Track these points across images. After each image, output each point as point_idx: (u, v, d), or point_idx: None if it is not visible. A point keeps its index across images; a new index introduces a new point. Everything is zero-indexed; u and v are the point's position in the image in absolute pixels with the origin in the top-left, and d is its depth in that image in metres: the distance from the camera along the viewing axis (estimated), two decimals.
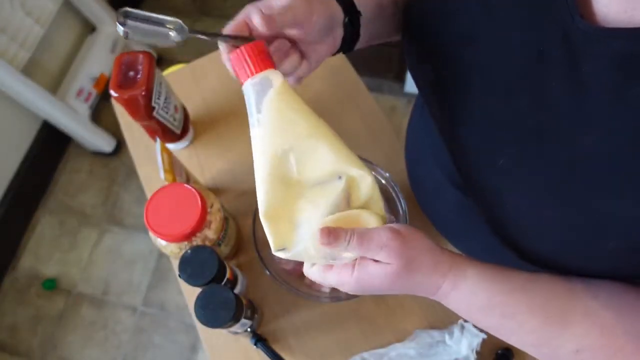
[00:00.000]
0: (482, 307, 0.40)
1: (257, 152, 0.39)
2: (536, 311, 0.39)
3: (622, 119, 0.32)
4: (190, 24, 0.43)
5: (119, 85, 0.66)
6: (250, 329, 0.63)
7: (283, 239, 0.40)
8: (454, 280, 0.40)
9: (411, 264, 0.39)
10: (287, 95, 0.39)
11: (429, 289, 0.41)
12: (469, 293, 0.40)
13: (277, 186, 0.39)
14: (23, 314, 1.62)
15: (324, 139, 0.39)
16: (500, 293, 0.40)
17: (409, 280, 0.39)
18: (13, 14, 1.46)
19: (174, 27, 0.40)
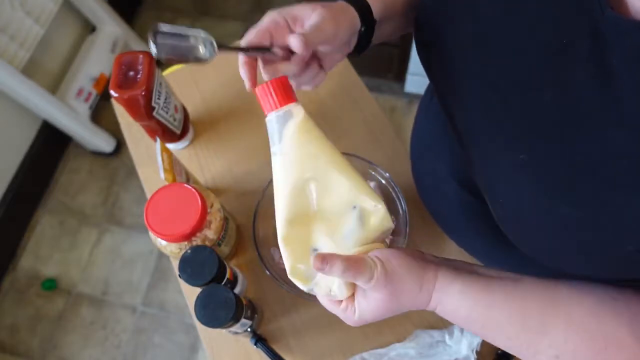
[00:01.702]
0: (464, 319, 0.44)
1: (278, 180, 0.42)
2: (515, 321, 0.41)
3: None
4: (190, 24, 0.43)
5: (119, 85, 0.66)
6: (250, 329, 0.63)
7: (298, 264, 0.42)
8: (439, 297, 0.43)
9: (394, 292, 0.42)
10: (308, 129, 0.42)
11: (417, 305, 0.44)
12: (452, 308, 0.43)
13: (296, 213, 0.42)
14: (23, 314, 1.62)
15: (342, 171, 0.42)
16: (481, 307, 0.42)
17: (399, 305, 0.43)
18: (13, 14, 1.46)
19: (203, 41, 0.41)
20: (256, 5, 2.11)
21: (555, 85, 0.36)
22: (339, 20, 0.45)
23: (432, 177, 0.63)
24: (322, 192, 0.42)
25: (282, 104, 0.42)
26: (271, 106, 0.42)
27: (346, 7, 0.48)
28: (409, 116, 1.78)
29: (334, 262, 0.39)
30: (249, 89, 0.46)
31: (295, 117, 0.42)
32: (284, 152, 0.42)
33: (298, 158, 0.41)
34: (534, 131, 0.38)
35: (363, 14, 0.49)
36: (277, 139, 0.42)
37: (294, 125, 0.42)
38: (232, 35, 2.04)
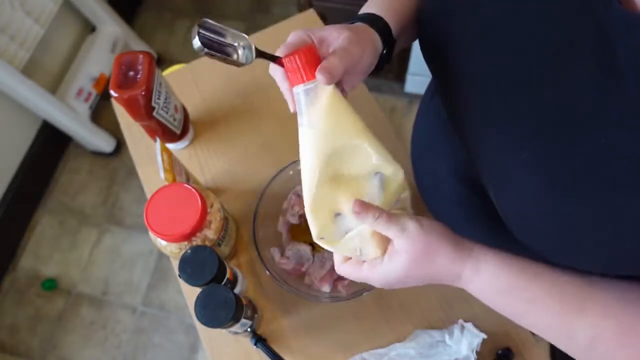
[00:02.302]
0: (503, 291, 0.42)
1: (307, 150, 0.44)
2: (555, 296, 0.40)
3: None
4: (190, 24, 0.43)
5: (119, 85, 0.66)
6: (250, 329, 0.63)
7: (323, 229, 0.45)
8: (475, 265, 0.42)
9: (429, 248, 0.42)
10: (336, 102, 0.43)
11: (451, 274, 0.43)
12: (490, 276, 0.42)
13: (323, 182, 0.44)
14: (23, 314, 1.62)
15: (368, 140, 0.44)
16: (521, 278, 0.41)
17: (430, 266, 0.42)
18: (13, 14, 1.46)
19: (244, 45, 0.42)
20: (256, 5, 2.11)
21: (556, 85, 0.36)
22: (364, 45, 0.46)
23: (432, 177, 0.63)
24: (348, 161, 0.44)
25: (310, 78, 0.42)
26: (299, 79, 0.42)
27: (369, 30, 0.48)
28: (409, 116, 1.78)
29: (369, 208, 0.42)
30: (292, 110, 0.45)
31: (323, 90, 0.42)
32: (312, 125, 0.43)
33: (326, 130, 0.43)
34: (535, 130, 0.38)
35: (384, 35, 0.49)
36: (305, 112, 0.43)
37: (323, 99, 0.42)
38: None
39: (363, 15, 0.51)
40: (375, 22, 0.49)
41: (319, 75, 0.41)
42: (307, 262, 0.67)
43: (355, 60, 0.44)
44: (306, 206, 0.44)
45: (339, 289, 0.67)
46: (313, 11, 0.92)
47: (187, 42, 2.05)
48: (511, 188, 0.41)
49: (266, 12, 2.08)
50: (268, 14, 2.08)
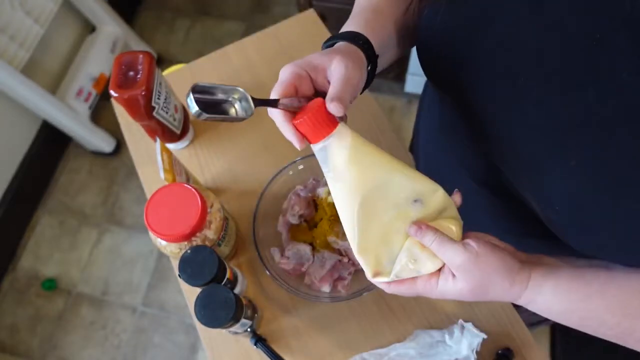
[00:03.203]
0: (560, 313, 0.43)
1: (342, 201, 0.44)
2: (615, 310, 0.41)
3: None
4: (190, 24, 0.43)
5: (118, 85, 0.66)
6: (250, 329, 0.63)
7: (376, 266, 0.45)
8: (532, 295, 0.43)
9: (483, 283, 0.42)
10: (360, 146, 0.43)
11: (508, 300, 0.44)
12: (546, 305, 0.43)
13: (364, 225, 0.44)
14: (23, 314, 1.62)
15: (398, 172, 0.44)
16: (578, 300, 0.42)
17: (485, 296, 0.43)
18: (13, 14, 1.46)
19: (239, 97, 0.41)
20: (256, 5, 2.11)
21: (596, 83, 0.35)
22: (360, 66, 0.45)
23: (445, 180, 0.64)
24: (385, 197, 0.43)
25: (329, 131, 0.42)
26: (319, 136, 0.42)
27: (355, 48, 0.47)
28: (408, 116, 1.78)
29: (427, 229, 0.43)
30: (300, 147, 0.43)
31: (343, 141, 0.42)
32: (340, 177, 0.43)
33: (355, 179, 0.43)
34: (580, 134, 0.37)
35: (366, 51, 0.48)
36: (331, 166, 0.43)
37: (345, 150, 0.42)
38: (231, 35, 2.04)
39: (343, 34, 0.50)
40: (356, 39, 0.48)
41: (331, 106, 0.40)
42: (307, 262, 0.67)
43: (357, 84, 0.44)
44: (355, 254, 0.45)
45: (339, 289, 0.67)
46: (313, 11, 0.92)
47: (187, 42, 2.05)
48: (562, 196, 0.41)
49: (266, 12, 2.08)
50: (268, 14, 2.08)
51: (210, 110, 0.38)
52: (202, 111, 0.37)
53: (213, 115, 0.38)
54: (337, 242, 0.67)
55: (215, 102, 0.39)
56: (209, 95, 0.39)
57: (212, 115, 0.38)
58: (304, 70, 0.43)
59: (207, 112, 0.37)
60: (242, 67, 0.87)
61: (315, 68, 0.43)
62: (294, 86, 0.43)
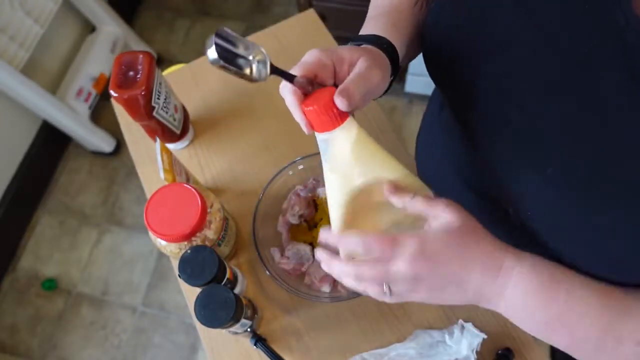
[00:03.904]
0: (547, 284, 0.38)
1: (333, 192, 0.43)
2: (601, 294, 0.38)
3: None
4: (190, 24, 0.43)
5: (118, 85, 0.66)
6: (250, 329, 0.63)
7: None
8: (516, 256, 0.39)
9: (477, 226, 0.40)
10: (363, 143, 0.42)
11: (492, 262, 0.39)
12: (531, 269, 0.39)
13: (351, 219, 0.44)
14: (23, 314, 1.62)
15: (394, 172, 0.43)
16: (564, 272, 0.39)
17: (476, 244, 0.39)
18: (13, 14, 1.46)
19: (259, 58, 0.40)
20: (256, 5, 2.11)
21: (579, 93, 0.35)
22: (382, 68, 0.44)
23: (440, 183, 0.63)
24: (375, 197, 0.43)
25: (332, 127, 0.41)
26: (322, 128, 0.41)
27: (380, 54, 0.47)
28: (409, 116, 1.78)
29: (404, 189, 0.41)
30: (308, 132, 0.43)
31: (347, 136, 0.42)
32: (336, 169, 0.43)
33: (351, 174, 0.42)
34: (559, 143, 0.37)
35: (390, 55, 0.48)
36: (330, 157, 0.42)
37: (348, 145, 0.42)
38: None
39: (368, 37, 0.49)
40: (386, 47, 0.48)
41: (338, 100, 0.40)
42: (307, 262, 0.67)
43: (373, 84, 0.43)
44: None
45: (339, 289, 0.67)
46: (313, 11, 0.92)
47: (187, 42, 2.05)
48: (537, 204, 0.40)
49: (266, 12, 2.08)
50: (268, 14, 2.08)
51: (226, 61, 0.37)
52: (219, 58, 0.36)
53: (228, 65, 0.37)
54: None
55: (233, 55, 0.38)
56: (230, 45, 0.38)
57: (227, 66, 0.37)
58: (330, 59, 0.42)
59: (224, 61, 0.36)
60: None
61: (341, 59, 0.43)
62: (314, 72, 0.42)
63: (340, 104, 0.40)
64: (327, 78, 0.43)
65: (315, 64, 0.42)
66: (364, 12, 0.56)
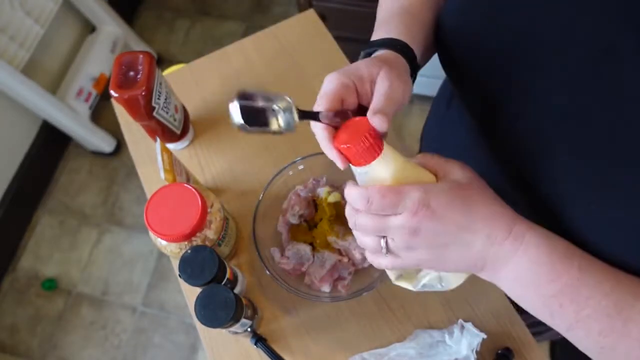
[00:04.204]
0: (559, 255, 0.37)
1: None
2: (613, 275, 0.36)
3: None
4: (190, 24, 0.43)
5: (119, 85, 0.66)
6: (250, 329, 0.63)
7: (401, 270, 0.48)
8: (528, 223, 0.38)
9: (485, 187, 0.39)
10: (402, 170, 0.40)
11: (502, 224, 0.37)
12: (544, 238, 0.37)
13: None
14: (23, 314, 1.62)
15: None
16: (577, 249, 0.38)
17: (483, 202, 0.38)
18: (13, 14, 1.46)
19: (284, 106, 0.39)
20: (256, 5, 2.11)
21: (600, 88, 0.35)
22: (405, 80, 0.43)
23: None
24: None
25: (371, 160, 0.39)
26: (361, 162, 0.40)
27: (401, 59, 0.46)
28: (409, 116, 1.78)
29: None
30: (343, 168, 0.41)
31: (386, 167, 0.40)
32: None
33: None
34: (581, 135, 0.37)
35: (409, 58, 0.47)
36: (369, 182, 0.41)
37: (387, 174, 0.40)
38: (231, 35, 2.04)
39: (381, 41, 0.47)
40: (401, 48, 0.46)
41: (376, 123, 0.39)
42: (307, 262, 0.67)
43: (400, 99, 0.42)
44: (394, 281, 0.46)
45: (339, 289, 0.67)
46: (313, 11, 0.92)
47: (187, 42, 2.05)
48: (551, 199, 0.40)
49: (266, 12, 2.08)
50: (268, 14, 2.08)
51: (252, 122, 0.36)
52: (245, 124, 0.35)
53: (254, 128, 0.36)
54: (337, 242, 0.67)
55: (257, 111, 0.38)
56: (252, 101, 0.37)
57: (254, 128, 0.36)
58: (350, 80, 0.41)
59: (250, 125, 0.35)
60: (242, 67, 0.87)
61: (361, 78, 0.42)
62: (340, 98, 0.41)
63: (377, 122, 0.39)
64: (352, 102, 0.42)
65: (339, 89, 0.41)
66: (364, 12, 0.56)
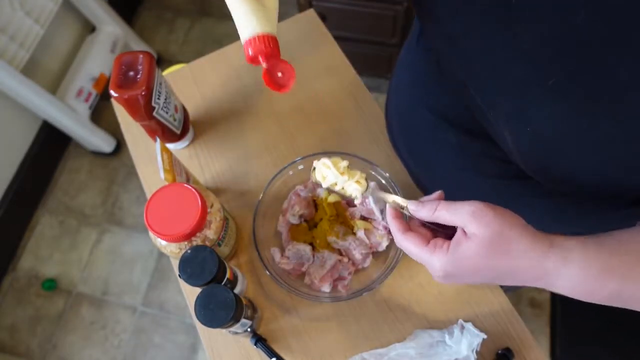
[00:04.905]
0: (598, 275, 0.37)
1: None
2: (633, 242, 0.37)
3: None
4: (190, 24, 0.43)
5: (119, 85, 0.66)
6: (250, 329, 0.63)
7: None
8: (560, 254, 0.38)
9: (505, 231, 0.38)
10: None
11: (533, 266, 0.38)
12: (581, 263, 0.37)
13: None
14: (23, 314, 1.62)
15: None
16: (614, 254, 0.37)
17: (508, 253, 0.38)
18: (13, 14, 1.46)
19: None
20: None
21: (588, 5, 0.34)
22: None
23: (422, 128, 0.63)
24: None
25: None
26: None
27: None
28: None
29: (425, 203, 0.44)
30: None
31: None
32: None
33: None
34: (564, 54, 0.36)
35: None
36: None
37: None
38: (231, 35, 2.04)
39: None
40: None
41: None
42: (307, 262, 0.67)
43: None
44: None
45: (339, 289, 0.67)
46: (313, 11, 0.92)
47: (187, 42, 2.05)
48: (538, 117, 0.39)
49: None
50: None
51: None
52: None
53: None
54: (337, 242, 0.67)
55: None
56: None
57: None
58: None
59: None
60: (242, 67, 0.87)
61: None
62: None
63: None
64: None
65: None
66: (364, 12, 0.56)
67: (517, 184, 0.55)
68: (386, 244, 0.68)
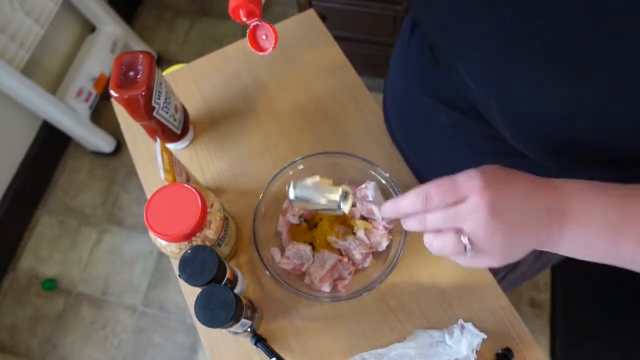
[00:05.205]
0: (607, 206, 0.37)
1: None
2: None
3: None
4: (190, 24, 0.43)
5: (119, 85, 0.66)
6: (250, 329, 0.63)
7: None
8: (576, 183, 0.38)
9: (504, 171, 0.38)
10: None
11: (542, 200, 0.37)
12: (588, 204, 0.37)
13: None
14: (23, 314, 1.62)
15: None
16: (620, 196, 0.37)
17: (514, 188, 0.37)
18: (13, 14, 1.46)
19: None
20: None
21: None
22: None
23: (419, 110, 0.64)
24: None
25: None
26: None
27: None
28: None
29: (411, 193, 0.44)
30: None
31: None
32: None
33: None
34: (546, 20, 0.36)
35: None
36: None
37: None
38: (231, 35, 2.04)
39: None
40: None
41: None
42: (307, 262, 0.67)
43: None
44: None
45: (339, 289, 0.67)
46: (313, 11, 0.92)
47: (187, 42, 2.05)
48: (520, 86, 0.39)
49: (266, 12, 2.08)
50: (268, 14, 2.08)
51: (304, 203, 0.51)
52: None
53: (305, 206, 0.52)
54: (337, 242, 0.67)
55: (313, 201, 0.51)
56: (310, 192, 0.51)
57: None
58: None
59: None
60: (242, 67, 0.87)
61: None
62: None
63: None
64: None
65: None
66: (364, 12, 0.56)
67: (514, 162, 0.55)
68: (386, 244, 0.68)
